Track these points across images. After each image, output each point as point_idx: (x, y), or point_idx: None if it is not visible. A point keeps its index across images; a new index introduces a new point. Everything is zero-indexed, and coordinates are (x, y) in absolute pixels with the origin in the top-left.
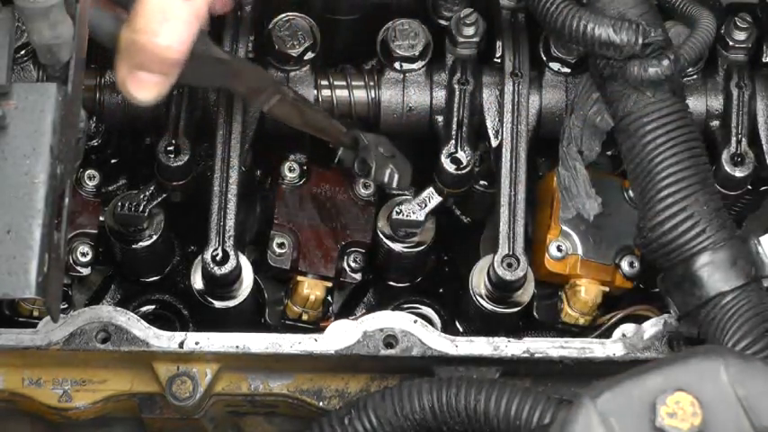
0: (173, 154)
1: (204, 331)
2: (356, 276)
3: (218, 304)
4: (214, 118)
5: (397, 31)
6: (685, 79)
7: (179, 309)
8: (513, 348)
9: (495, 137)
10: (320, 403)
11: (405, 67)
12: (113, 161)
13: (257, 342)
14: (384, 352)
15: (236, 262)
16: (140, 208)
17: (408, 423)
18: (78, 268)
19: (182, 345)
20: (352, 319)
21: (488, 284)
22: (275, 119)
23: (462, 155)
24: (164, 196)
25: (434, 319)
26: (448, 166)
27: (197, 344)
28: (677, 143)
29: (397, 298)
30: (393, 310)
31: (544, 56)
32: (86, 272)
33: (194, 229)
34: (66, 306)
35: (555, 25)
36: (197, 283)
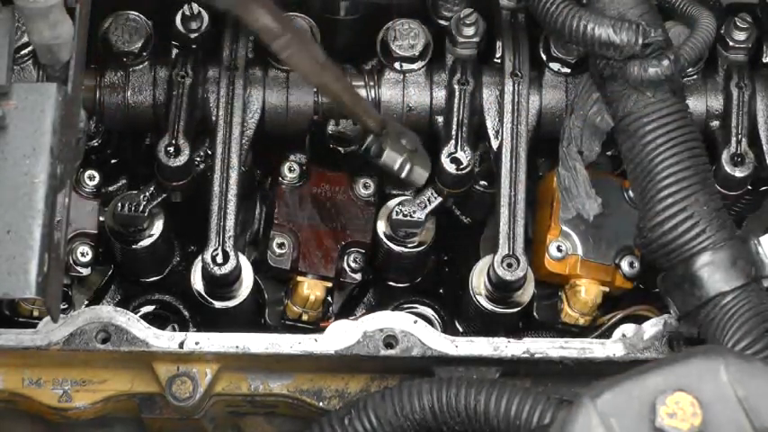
0: (173, 154)
1: (204, 331)
2: (356, 276)
3: (218, 304)
4: (214, 118)
5: (397, 31)
6: (685, 79)
7: (179, 309)
8: (513, 348)
9: (495, 137)
10: (320, 403)
11: (405, 67)
12: (113, 161)
13: (257, 342)
14: (384, 352)
15: (235, 262)
16: (140, 208)
17: (408, 423)
18: (78, 268)
19: (182, 345)
20: (352, 320)
21: (488, 285)
22: (294, 69)
23: (462, 155)
24: (164, 196)
25: (434, 320)
26: (448, 166)
27: (197, 344)
28: (677, 143)
29: (397, 298)
30: (393, 310)
31: (544, 56)
32: (86, 272)
33: (194, 229)
34: (66, 306)
35: (555, 25)
36: (197, 283)
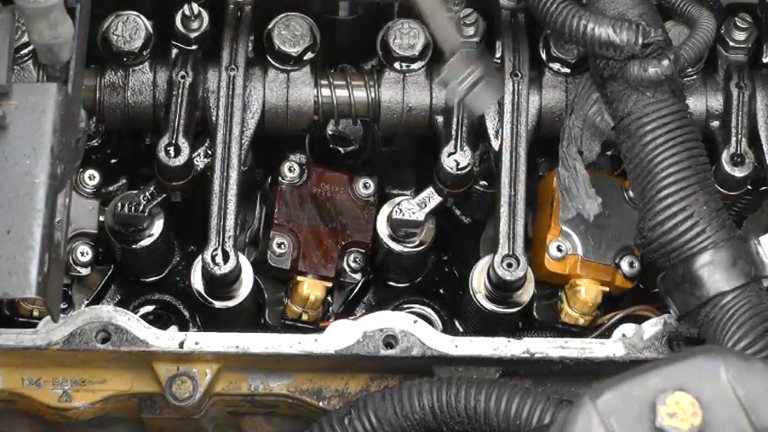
0: (173, 154)
1: (204, 331)
2: (356, 276)
3: (218, 304)
4: (214, 118)
5: (397, 31)
6: (685, 79)
7: (179, 309)
8: (513, 348)
9: (495, 137)
10: (320, 403)
11: (405, 67)
12: (113, 161)
13: (257, 342)
14: (384, 352)
15: (235, 262)
16: (140, 208)
17: (408, 423)
18: (78, 268)
19: (182, 345)
20: (352, 320)
21: (488, 284)
22: None
23: (462, 155)
24: (164, 196)
25: (434, 320)
26: (448, 166)
27: (197, 344)
28: (677, 143)
29: (397, 298)
30: (393, 310)
31: (544, 56)
32: (86, 272)
33: (194, 229)
34: (67, 306)
35: (555, 25)
36: (197, 283)
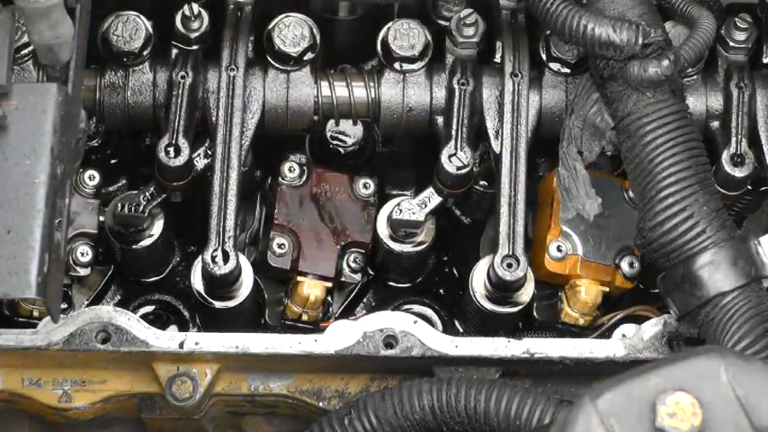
0: (173, 154)
1: (204, 332)
2: (356, 277)
3: (217, 304)
4: (214, 118)
5: (397, 31)
6: (685, 79)
7: (179, 309)
8: (513, 349)
9: (495, 137)
10: (320, 404)
11: (405, 67)
12: (113, 161)
13: (257, 342)
14: (384, 352)
15: (235, 262)
16: (140, 208)
17: (408, 423)
18: (78, 268)
19: (182, 345)
20: (352, 320)
21: (488, 285)
22: None
23: (462, 155)
24: (164, 197)
25: (434, 320)
26: (448, 166)
27: (197, 344)
28: (677, 143)
29: (397, 298)
30: (393, 310)
31: (544, 56)
32: (86, 272)
33: (194, 229)
34: (67, 306)
35: (555, 25)
36: (197, 283)
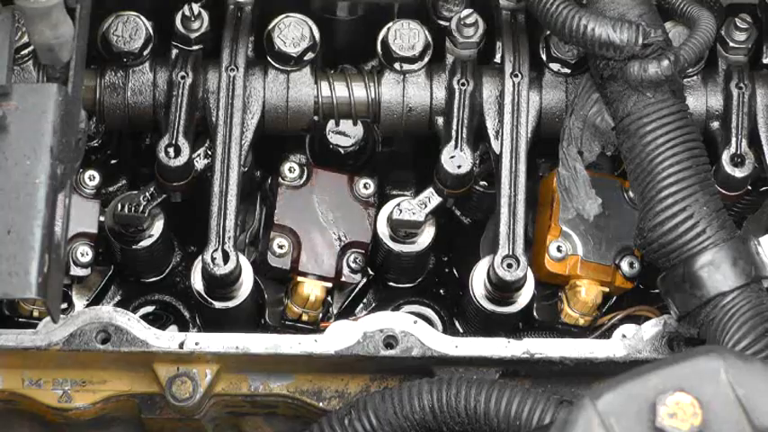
0: (173, 154)
1: (204, 332)
2: (356, 277)
3: (217, 305)
4: (214, 118)
5: (397, 31)
6: (685, 80)
7: (179, 309)
8: (513, 349)
9: (496, 137)
10: (320, 404)
11: (405, 67)
12: (113, 161)
13: (257, 342)
14: (384, 352)
15: (236, 262)
16: (140, 208)
17: (408, 423)
18: (78, 268)
19: (182, 345)
20: (352, 320)
21: (488, 285)
22: None
23: (462, 155)
24: (164, 197)
25: (434, 320)
26: (448, 166)
27: (197, 344)
28: (677, 143)
29: (397, 298)
30: (393, 310)
31: (544, 56)
32: (86, 272)
33: (194, 229)
34: (67, 306)
35: (555, 25)
36: (197, 283)
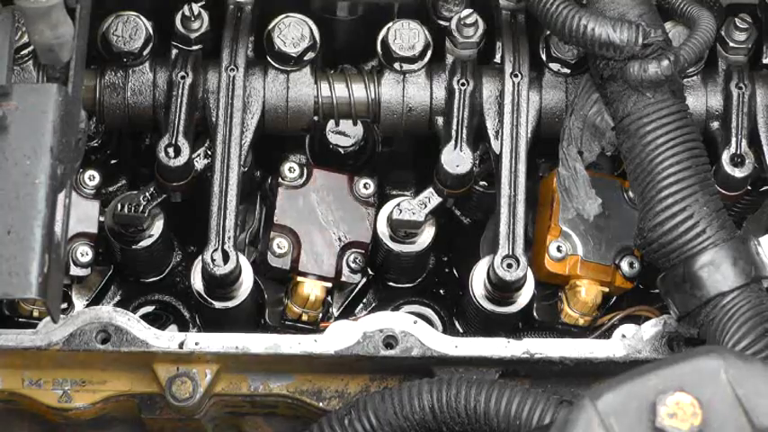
0: (173, 154)
1: (204, 332)
2: (356, 277)
3: (217, 305)
4: (214, 118)
5: (397, 32)
6: (685, 80)
7: (179, 309)
8: (513, 349)
9: (495, 137)
10: (320, 404)
11: (405, 67)
12: (113, 161)
13: (257, 343)
14: (384, 352)
15: (236, 262)
16: (140, 208)
17: (408, 423)
18: (78, 268)
19: (181, 345)
20: (352, 320)
21: (488, 285)
22: None
23: (462, 155)
24: (164, 197)
25: (434, 320)
26: (448, 166)
27: (197, 344)
28: (677, 143)
29: (397, 298)
30: (393, 310)
31: (544, 56)
32: (86, 272)
33: (194, 229)
34: (67, 306)
35: (555, 25)
36: (197, 283)
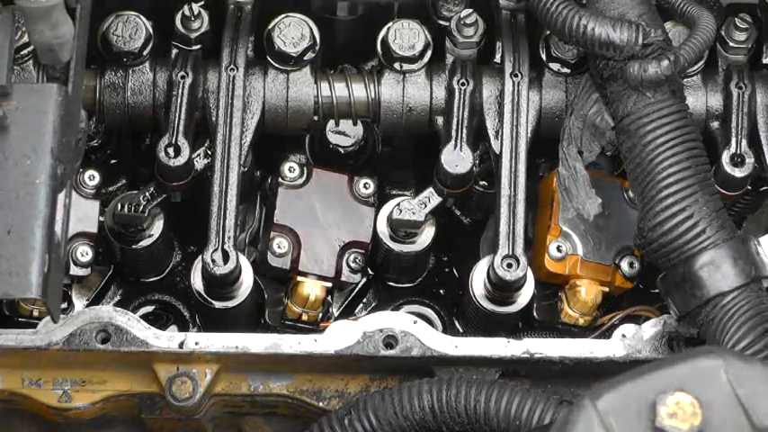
0: (173, 154)
1: (204, 332)
2: (356, 277)
3: (217, 305)
4: (214, 118)
5: (397, 31)
6: (685, 79)
7: (179, 309)
8: (513, 349)
9: (495, 137)
10: (320, 404)
11: (405, 67)
12: (113, 161)
13: (257, 342)
14: (384, 352)
15: (236, 262)
16: (140, 208)
17: (408, 423)
18: (78, 268)
19: (181, 345)
20: (352, 320)
21: (488, 285)
22: None
23: (462, 155)
24: (164, 197)
25: (434, 320)
26: (448, 166)
27: (197, 344)
28: (677, 143)
29: (397, 298)
30: (393, 310)
31: (544, 56)
32: (86, 272)
33: (194, 229)
34: (67, 306)
35: (555, 25)
36: (197, 283)
